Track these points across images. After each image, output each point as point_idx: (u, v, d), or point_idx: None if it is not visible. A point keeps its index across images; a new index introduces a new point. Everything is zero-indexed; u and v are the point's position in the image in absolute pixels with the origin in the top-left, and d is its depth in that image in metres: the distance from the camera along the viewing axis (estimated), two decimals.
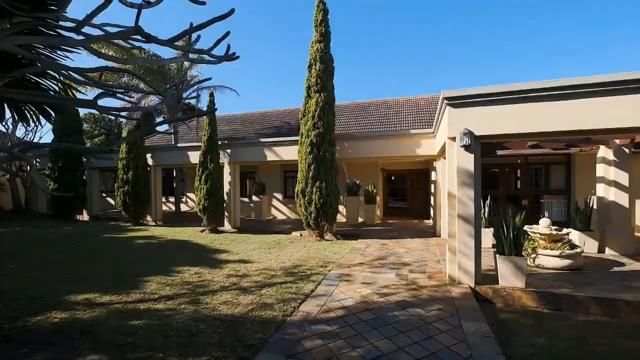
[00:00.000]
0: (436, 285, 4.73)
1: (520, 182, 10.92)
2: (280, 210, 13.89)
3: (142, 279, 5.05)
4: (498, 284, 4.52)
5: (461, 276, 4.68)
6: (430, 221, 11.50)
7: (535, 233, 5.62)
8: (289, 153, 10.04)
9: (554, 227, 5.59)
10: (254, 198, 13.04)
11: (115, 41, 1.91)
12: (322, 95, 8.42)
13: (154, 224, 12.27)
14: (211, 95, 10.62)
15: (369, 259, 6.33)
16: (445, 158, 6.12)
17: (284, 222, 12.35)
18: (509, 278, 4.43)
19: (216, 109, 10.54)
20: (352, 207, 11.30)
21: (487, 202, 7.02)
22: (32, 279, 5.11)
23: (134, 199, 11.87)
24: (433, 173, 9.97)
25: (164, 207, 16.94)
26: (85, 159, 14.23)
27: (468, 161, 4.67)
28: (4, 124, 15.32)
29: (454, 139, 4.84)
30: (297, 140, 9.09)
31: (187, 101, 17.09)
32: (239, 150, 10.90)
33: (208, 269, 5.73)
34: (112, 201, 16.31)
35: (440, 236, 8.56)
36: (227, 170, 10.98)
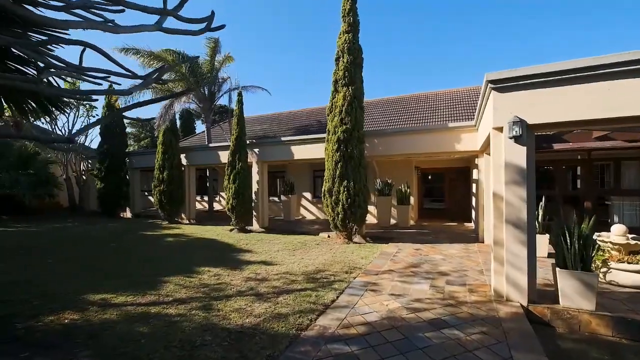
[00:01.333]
0: (479, 301, 4.04)
1: (581, 180, 9.49)
2: (309, 210, 13.60)
3: (161, 279, 4.97)
4: (558, 303, 3.73)
5: (510, 292, 3.94)
6: (472, 224, 10.46)
7: (606, 242, 4.65)
8: (315, 151, 9.68)
9: (631, 236, 4.57)
10: (283, 198, 12.89)
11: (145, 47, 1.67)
12: (350, 89, 7.93)
13: (187, 222, 12.61)
14: (239, 94, 10.63)
15: (399, 266, 5.73)
16: (489, 154, 5.33)
17: (313, 222, 12.02)
18: (573, 297, 3.62)
19: (242, 105, 10.48)
20: (384, 207, 10.64)
21: (542, 204, 6.06)
22: (63, 274, 5.27)
23: (169, 197, 12.29)
24: (475, 171, 9.00)
25: (199, 206, 17.54)
26: (127, 160, 15.14)
27: (519, 155, 3.92)
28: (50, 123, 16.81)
29: (500, 129, 4.11)
30: (324, 138, 8.69)
31: (219, 103, 17.55)
32: (266, 149, 10.77)
33: (228, 270, 5.53)
34: (153, 199, 17.23)
35: (483, 242, 7.65)
36: (255, 169, 10.92)
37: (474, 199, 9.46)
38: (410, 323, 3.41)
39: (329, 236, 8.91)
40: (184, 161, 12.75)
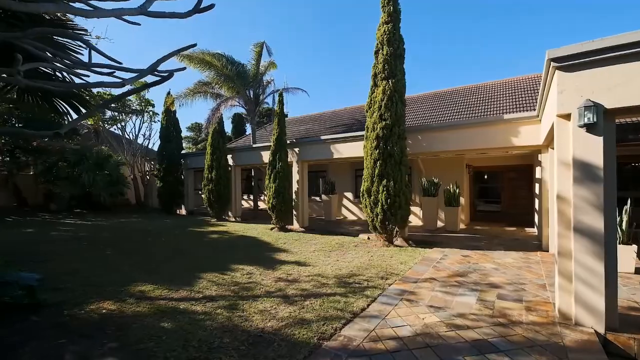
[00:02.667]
0: (538, 322, 3.38)
1: None
2: (350, 211, 13.27)
3: (197, 275, 5.12)
4: None
5: (581, 314, 3.23)
6: (534, 230, 9.19)
7: None
8: (355, 150, 9.33)
9: None
10: (324, 197, 12.76)
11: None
12: (390, 83, 7.45)
13: (233, 220, 13.17)
14: (280, 95, 10.74)
15: (442, 274, 5.15)
16: (554, 148, 4.51)
17: (354, 223, 11.67)
18: None
19: (284, 107, 10.57)
20: (429, 209, 9.87)
21: (627, 208, 4.99)
22: (115, 265, 5.74)
23: (217, 196, 12.95)
24: (537, 169, 7.85)
25: (245, 205, 18.29)
26: (183, 161, 16.37)
27: (592, 148, 3.19)
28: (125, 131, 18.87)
29: (567, 116, 3.40)
30: (364, 136, 8.31)
31: (265, 105, 18.12)
32: (306, 149, 10.72)
33: (261, 269, 5.52)
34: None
35: (548, 250, 6.60)
36: (295, 169, 10.95)
37: (536, 201, 8.27)
38: (448, 342, 2.96)
39: (368, 238, 8.52)
40: (230, 161, 13.34)
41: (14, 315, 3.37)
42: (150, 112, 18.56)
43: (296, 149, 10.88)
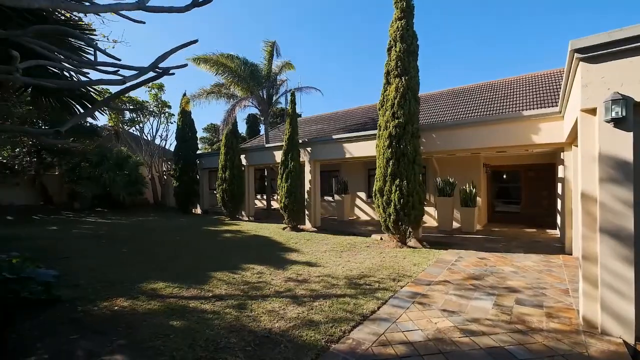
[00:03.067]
0: (560, 330, 3.19)
1: None
2: (363, 211, 13.12)
3: (208, 274, 5.16)
4: None
5: (607, 323, 3.01)
6: (556, 231, 8.78)
7: None
8: (368, 149, 9.20)
9: None
10: (336, 197, 12.67)
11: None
12: (403, 80, 7.29)
13: (247, 219, 13.29)
14: (292, 95, 10.74)
15: (457, 277, 4.97)
16: (578, 145, 4.26)
17: (367, 223, 11.52)
18: None
19: (295, 106, 10.56)
20: (444, 209, 9.61)
21: None
22: (130, 263, 5.88)
23: (231, 196, 13.11)
24: (560, 168, 7.48)
25: (259, 204, 18.43)
26: (198, 161, 16.67)
27: (621, 144, 2.98)
28: (143, 132, 19.41)
29: (592, 111, 3.19)
30: (376, 135, 8.17)
31: (279, 106, 18.22)
32: (318, 148, 10.66)
33: (272, 269, 5.50)
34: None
35: (571, 254, 6.27)
36: (307, 168, 10.92)
37: (559, 202, 7.89)
38: (462, 349, 2.82)
39: (381, 238, 8.38)
40: (243, 161, 13.47)
41: (32, 310, 3.48)
42: (167, 114, 19.02)
43: (308, 149, 10.85)
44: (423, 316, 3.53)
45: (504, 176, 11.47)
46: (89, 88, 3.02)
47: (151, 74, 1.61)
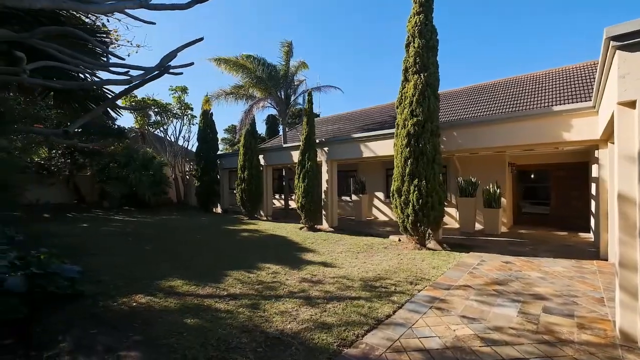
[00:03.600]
0: (593, 342, 2.93)
1: None
2: (381, 211, 12.89)
3: (224, 272, 5.22)
4: None
5: None
6: (590, 235, 8.21)
7: None
8: (386, 148, 9.01)
9: None
10: (354, 197, 12.53)
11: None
12: (422, 76, 7.06)
13: (264, 218, 13.42)
14: (309, 94, 10.74)
15: (479, 282, 4.74)
16: (614, 142, 3.93)
17: (385, 223, 11.31)
18: None
19: (312, 105, 10.53)
20: (466, 210, 9.24)
21: None
22: (151, 260, 6.07)
23: (249, 195, 13.29)
24: (594, 167, 6.97)
25: (277, 204, 18.58)
26: (218, 161, 17.05)
27: None
28: (167, 133, 20.11)
29: (632, 103, 2.92)
30: (394, 133, 7.98)
31: (298, 106, 18.30)
32: (335, 148, 10.58)
33: (287, 269, 5.49)
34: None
35: (607, 259, 5.82)
36: (324, 168, 10.86)
37: (593, 203, 7.37)
38: (482, 359, 2.66)
39: (399, 240, 8.17)
40: (262, 161, 13.61)
41: (57, 305, 3.65)
42: (190, 115, 19.60)
43: (325, 148, 10.79)
44: (441, 322, 3.38)
45: (532, 176, 10.89)
46: (105, 90, 3.14)
47: (155, 73, 1.62)
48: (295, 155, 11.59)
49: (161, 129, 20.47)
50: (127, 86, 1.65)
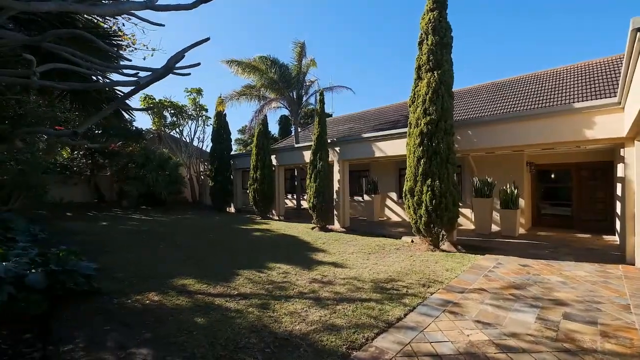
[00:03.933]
0: (618, 352, 2.77)
1: None
2: (394, 211, 12.72)
3: (235, 271, 5.26)
4: None
5: None
6: (615, 238, 7.82)
7: None
8: (398, 148, 8.87)
9: None
10: (366, 197, 12.42)
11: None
12: (436, 74, 6.90)
13: (277, 218, 13.50)
14: (321, 94, 10.73)
15: (495, 285, 4.58)
16: None
17: (397, 224, 11.15)
18: None
19: (324, 104, 10.50)
20: (482, 211, 8.98)
21: None
22: (165, 258, 6.19)
23: (262, 195, 13.39)
24: (620, 166, 6.63)
25: (289, 204, 18.66)
26: (232, 162, 17.28)
27: None
28: (183, 134, 20.54)
29: None
30: (406, 132, 7.84)
31: (310, 107, 18.33)
32: (347, 148, 10.52)
33: (297, 269, 5.48)
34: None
35: (634, 264, 5.51)
36: (336, 168, 10.81)
37: (618, 204, 7.01)
38: None
39: (412, 241, 8.03)
40: (274, 161, 13.69)
41: (74, 301, 3.77)
42: (204, 117, 19.97)
43: (337, 148, 10.74)
44: (454, 327, 3.28)
45: (552, 176, 10.47)
46: (117, 91, 3.23)
47: (159, 73, 1.64)
48: (307, 155, 11.60)
49: (177, 130, 20.94)
50: (133, 87, 1.68)
